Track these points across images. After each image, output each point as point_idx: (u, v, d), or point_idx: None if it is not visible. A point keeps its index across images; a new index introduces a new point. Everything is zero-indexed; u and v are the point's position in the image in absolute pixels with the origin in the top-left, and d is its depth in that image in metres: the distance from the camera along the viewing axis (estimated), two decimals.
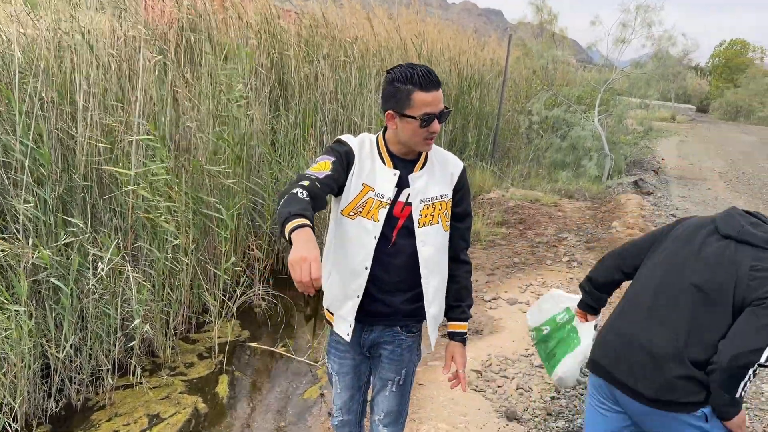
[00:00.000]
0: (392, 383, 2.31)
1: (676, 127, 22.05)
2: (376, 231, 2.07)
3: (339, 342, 2.28)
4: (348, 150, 2.07)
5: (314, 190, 1.86)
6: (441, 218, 2.16)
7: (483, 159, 10.08)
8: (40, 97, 3.42)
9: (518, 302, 5.43)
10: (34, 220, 3.28)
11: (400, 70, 1.98)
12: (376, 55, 7.66)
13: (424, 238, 2.13)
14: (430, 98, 1.95)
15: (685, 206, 9.17)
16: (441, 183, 2.16)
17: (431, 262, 2.16)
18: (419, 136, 2.01)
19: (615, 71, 11.58)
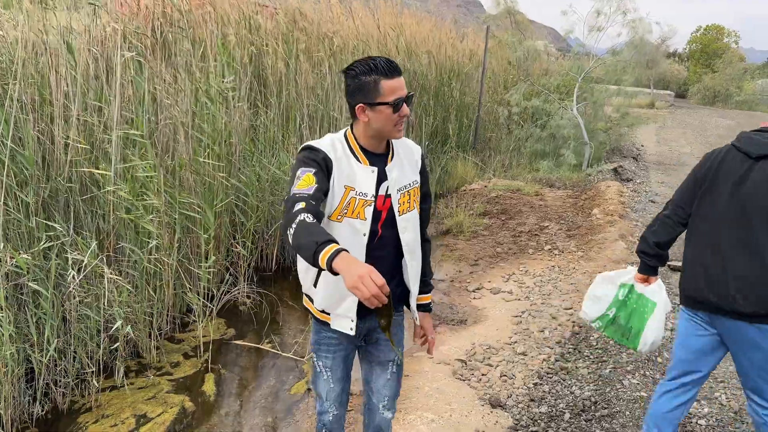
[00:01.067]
0: (392, 363, 2.42)
1: (655, 114, 22.26)
2: (365, 228, 2.14)
3: (331, 337, 2.32)
4: (324, 156, 2.08)
5: (314, 209, 1.90)
6: (415, 204, 2.28)
7: (464, 150, 10.12)
8: (20, 99, 3.40)
9: (501, 291, 5.49)
10: (15, 223, 3.26)
11: (360, 64, 2.04)
12: (356, 48, 7.66)
13: (405, 224, 2.23)
14: (396, 84, 2.03)
15: (665, 192, 9.29)
16: (410, 170, 2.27)
17: (412, 246, 2.28)
18: (391, 123, 2.07)
19: (592, 59, 11.66)
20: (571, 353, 4.28)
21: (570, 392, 3.75)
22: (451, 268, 6.20)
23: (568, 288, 5.49)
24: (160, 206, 3.80)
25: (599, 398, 3.64)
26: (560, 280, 5.71)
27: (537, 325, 4.76)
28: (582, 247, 6.57)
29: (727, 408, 3.55)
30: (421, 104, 8.86)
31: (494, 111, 11.73)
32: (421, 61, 9.20)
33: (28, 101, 3.44)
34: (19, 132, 3.30)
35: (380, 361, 2.41)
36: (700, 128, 18.62)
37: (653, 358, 4.13)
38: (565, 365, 4.10)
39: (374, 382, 2.45)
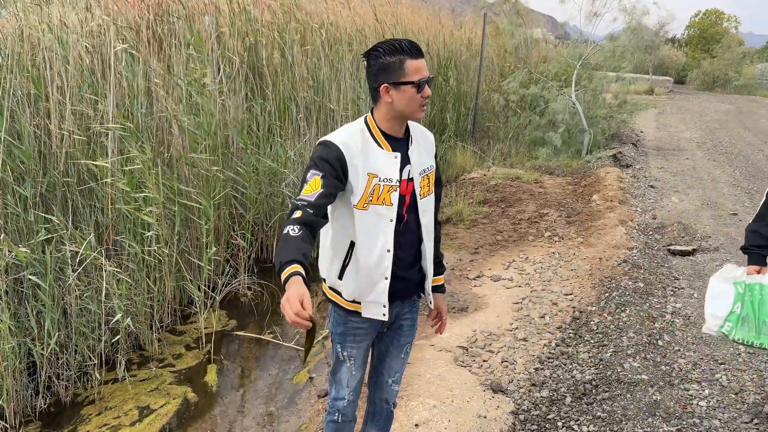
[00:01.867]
0: (408, 346, 2.50)
1: (654, 100, 22.20)
2: (391, 214, 2.16)
3: (360, 328, 2.33)
4: (338, 155, 2.07)
5: (308, 218, 1.92)
6: (432, 186, 2.31)
7: (463, 140, 10.10)
8: (15, 93, 3.39)
9: (502, 278, 5.49)
10: (13, 217, 3.27)
11: (385, 45, 2.08)
12: (353, 37, 7.63)
13: (425, 208, 2.27)
14: (420, 64, 2.06)
15: (664, 177, 9.28)
16: (427, 154, 2.30)
17: (429, 229, 2.31)
18: (416, 103, 2.09)
19: (590, 46, 11.61)
20: (571, 338, 4.29)
21: (571, 376, 3.76)
22: (452, 256, 6.20)
23: (568, 274, 5.49)
24: (158, 198, 3.80)
25: (600, 382, 3.65)
26: (560, 266, 5.71)
27: (537, 311, 4.77)
28: (582, 233, 6.57)
29: (728, 389, 3.56)
30: None
31: (492, 99, 11.69)
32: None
33: (24, 95, 3.43)
34: (15, 126, 3.30)
35: (399, 344, 2.46)
36: (699, 113, 18.57)
37: (654, 341, 4.14)
38: (565, 350, 4.11)
39: (388, 361, 2.49)
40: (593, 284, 5.16)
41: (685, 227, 6.60)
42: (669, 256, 5.88)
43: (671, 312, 4.60)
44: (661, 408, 3.35)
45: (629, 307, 4.64)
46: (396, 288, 2.26)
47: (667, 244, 6.13)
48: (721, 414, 3.33)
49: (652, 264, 5.57)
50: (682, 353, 4.00)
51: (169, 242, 4.04)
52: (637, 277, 5.20)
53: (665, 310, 4.64)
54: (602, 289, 5.02)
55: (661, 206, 7.57)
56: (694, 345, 4.12)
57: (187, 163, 4.28)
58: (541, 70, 11.71)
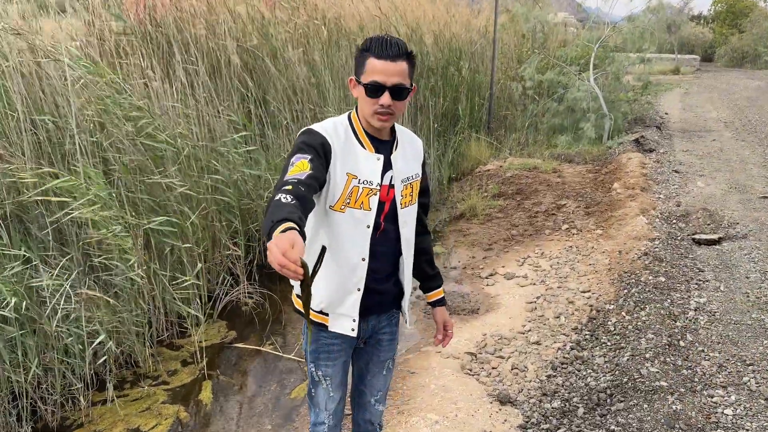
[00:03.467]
0: (390, 362, 2.34)
1: (680, 79, 21.53)
2: (369, 220, 2.01)
3: (332, 344, 2.16)
4: (323, 141, 1.91)
5: (299, 192, 1.68)
6: (415, 197, 2.16)
7: (478, 131, 9.81)
8: None
9: (516, 276, 5.25)
10: None
11: (368, 38, 1.92)
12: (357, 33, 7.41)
13: (406, 219, 2.12)
14: (382, 66, 1.86)
15: (690, 160, 8.88)
16: (413, 162, 2.14)
17: (409, 242, 2.16)
18: (369, 108, 1.92)
19: (608, 27, 11.19)
20: (587, 340, 4.03)
21: (585, 384, 3.51)
22: (464, 254, 5.97)
23: (586, 269, 5.21)
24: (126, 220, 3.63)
25: (615, 390, 3.38)
26: (578, 261, 5.43)
27: (552, 311, 4.51)
28: (601, 224, 6.27)
29: (757, 394, 3.27)
30: (428, 86, 8.57)
31: (508, 87, 11.36)
32: (425, 41, 8.88)
33: None
34: None
35: (379, 360, 2.30)
36: (728, 91, 17.91)
37: (675, 342, 3.86)
38: (580, 354, 3.85)
39: (369, 379, 2.33)
40: (612, 280, 4.88)
41: (711, 214, 6.25)
42: (693, 245, 5.56)
43: (694, 308, 4.30)
44: (682, 419, 3.07)
45: (649, 305, 4.35)
46: (370, 301, 2.09)
47: (692, 233, 5.79)
48: (750, 423, 3.04)
49: (675, 255, 5.26)
50: (706, 354, 3.71)
51: (150, 263, 3.87)
52: (659, 271, 4.90)
53: (688, 306, 4.34)
54: (621, 285, 4.73)
55: (686, 192, 7.21)
56: (719, 345, 3.82)
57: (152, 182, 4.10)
58: (559, 55, 11.33)
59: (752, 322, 4.09)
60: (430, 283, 2.37)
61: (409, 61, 1.92)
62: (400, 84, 1.89)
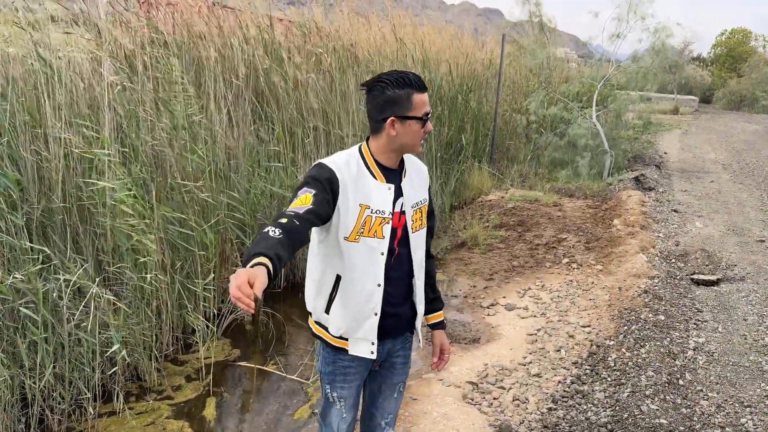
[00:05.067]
0: (401, 385, 2.40)
1: (678, 119, 21.83)
2: (383, 247, 2.09)
3: (349, 366, 2.23)
4: (330, 176, 1.99)
5: (291, 226, 1.77)
6: (424, 220, 2.26)
7: (480, 161, 9.94)
8: (11, 120, 3.34)
9: (517, 307, 5.31)
10: (6, 246, 3.19)
11: (391, 76, 2.01)
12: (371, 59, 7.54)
13: (417, 243, 2.21)
14: (426, 98, 2.04)
15: (688, 201, 9.02)
16: (420, 187, 2.24)
17: (420, 263, 2.24)
18: (419, 138, 2.06)
19: (612, 65, 11.41)
20: (587, 375, 4.09)
21: (585, 418, 3.56)
22: (465, 283, 6.03)
23: (586, 304, 5.29)
24: (151, 223, 3.71)
25: (616, 426, 3.44)
26: (578, 295, 5.51)
27: (553, 344, 4.57)
28: (601, 260, 6.36)
29: None
30: (435, 114, 8.71)
31: (512, 120, 11.54)
32: (439, 71, 9.06)
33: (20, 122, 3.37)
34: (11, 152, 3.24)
35: (392, 382, 2.37)
36: (726, 134, 18.18)
37: (675, 380, 3.92)
38: (580, 388, 3.91)
39: (380, 402, 2.40)
40: (612, 316, 4.95)
41: (710, 255, 6.35)
42: (692, 285, 5.65)
43: (693, 348, 4.37)
44: None
45: (649, 342, 4.43)
46: (386, 325, 2.18)
47: (691, 273, 5.89)
48: None
49: (674, 294, 5.34)
50: (705, 394, 3.78)
51: (168, 269, 3.94)
52: (658, 309, 4.98)
53: (687, 346, 4.41)
54: (621, 322, 4.80)
55: (685, 232, 7.33)
56: (717, 385, 3.89)
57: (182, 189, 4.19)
58: (562, 91, 11.53)
59: (750, 364, 4.16)
60: (431, 305, 2.42)
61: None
62: (428, 111, 2.08)
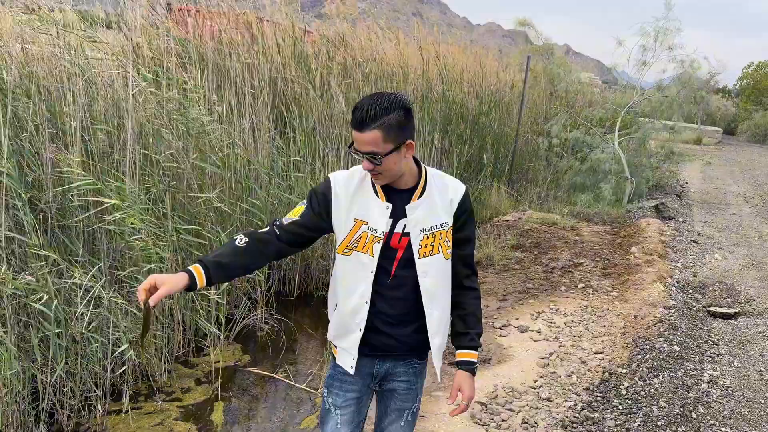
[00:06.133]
0: (408, 412, 2.30)
1: (701, 150, 21.66)
2: (372, 265, 2.06)
3: (345, 373, 2.21)
4: (325, 190, 2.07)
5: (262, 236, 2.04)
6: (442, 247, 2.11)
7: (500, 181, 9.94)
8: (33, 119, 3.39)
9: (529, 330, 5.27)
10: (19, 243, 3.23)
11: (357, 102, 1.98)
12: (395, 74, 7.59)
13: (426, 269, 2.09)
14: (355, 135, 1.95)
15: (708, 232, 8.92)
16: (441, 211, 2.11)
17: (433, 293, 2.12)
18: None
19: (636, 93, 11.38)
20: (598, 402, 4.04)
21: None
22: None
23: (600, 330, 5.23)
24: (165, 232, 3.74)
25: None
26: (592, 321, 5.45)
27: (565, 369, 4.53)
28: (617, 287, 6.30)
29: None
30: (457, 133, 8.73)
31: (533, 142, 11.53)
32: (462, 89, 9.10)
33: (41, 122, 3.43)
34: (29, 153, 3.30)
35: (397, 408, 2.28)
36: (749, 166, 17.99)
37: (687, 413, 3.86)
38: (591, 415, 3.86)
39: (386, 425, 2.33)
40: (626, 344, 4.89)
41: (728, 288, 6.27)
42: (709, 317, 5.57)
43: (707, 381, 4.30)
44: None
45: (662, 373, 4.37)
46: (378, 342, 2.15)
47: (708, 305, 5.81)
48: None
49: (690, 326, 5.27)
50: (717, 428, 3.71)
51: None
52: (673, 340, 4.91)
53: (701, 378, 4.34)
54: (635, 350, 4.75)
55: (703, 263, 7.24)
56: (731, 420, 3.82)
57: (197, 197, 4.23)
58: (585, 115, 11.51)
59: (765, 401, 4.09)
60: (459, 341, 2.24)
61: (382, 128, 1.90)
62: (372, 152, 1.92)
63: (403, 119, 1.95)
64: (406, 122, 1.97)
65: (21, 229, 3.24)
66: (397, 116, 1.93)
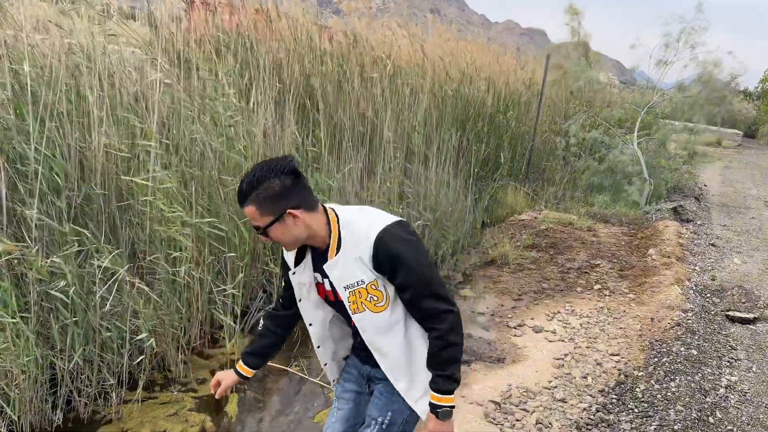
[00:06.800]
0: (376, 423, 2.16)
1: (721, 152, 21.41)
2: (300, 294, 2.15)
3: (351, 366, 2.30)
4: (283, 254, 2.16)
5: (273, 313, 2.38)
6: (366, 304, 1.97)
7: (516, 180, 9.88)
8: (55, 107, 3.42)
9: (544, 330, 5.24)
10: (45, 229, 3.26)
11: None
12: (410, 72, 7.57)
13: (362, 324, 2.02)
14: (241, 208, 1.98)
15: (727, 235, 8.81)
16: (356, 267, 1.94)
17: (378, 346, 2.06)
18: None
19: (657, 93, 11.25)
20: (614, 404, 4.01)
21: None
22: (493, 301, 5.98)
23: (616, 332, 5.19)
24: (190, 218, 3.76)
25: None
26: (608, 323, 5.41)
27: (580, 371, 4.49)
28: (634, 289, 6.25)
29: None
30: (474, 131, 8.70)
31: (551, 141, 11.45)
32: (478, 88, 9.06)
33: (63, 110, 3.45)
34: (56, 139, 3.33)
35: (370, 413, 2.21)
36: None
37: (705, 418, 3.82)
38: (606, 417, 3.83)
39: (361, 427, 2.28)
40: (642, 347, 4.85)
41: (747, 292, 6.19)
42: (727, 322, 5.50)
43: (725, 386, 4.25)
44: None
45: (679, 376, 4.32)
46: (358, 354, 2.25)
47: (726, 309, 5.74)
48: None
49: (708, 330, 5.21)
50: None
51: (201, 264, 3.99)
52: (691, 344, 4.86)
53: (719, 383, 4.29)
54: (652, 353, 4.70)
55: (722, 267, 7.16)
56: (749, 426, 3.78)
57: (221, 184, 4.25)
58: (605, 116, 11.41)
59: None
60: (430, 383, 2.04)
61: (255, 202, 1.85)
62: (255, 225, 1.91)
63: (279, 189, 1.85)
64: (286, 190, 1.86)
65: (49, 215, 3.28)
66: (273, 186, 1.84)
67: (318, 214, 1.94)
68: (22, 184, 3.18)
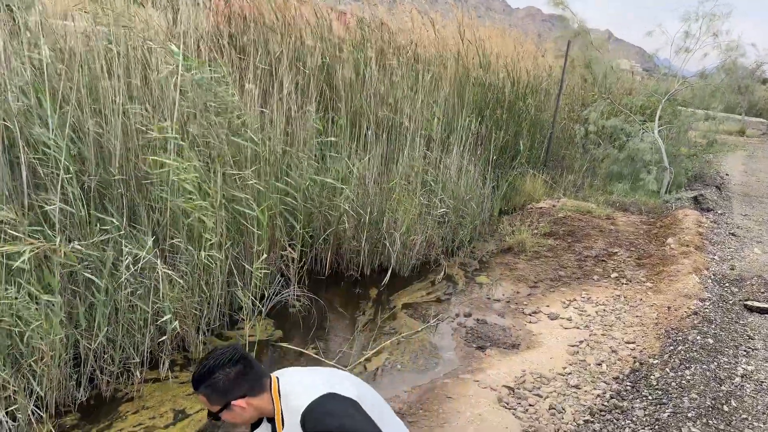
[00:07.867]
0: None
1: (744, 141, 21.06)
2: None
3: None
4: None
5: None
6: None
7: (535, 167, 9.84)
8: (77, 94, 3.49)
9: (559, 317, 5.25)
10: (69, 215, 3.34)
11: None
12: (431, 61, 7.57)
13: None
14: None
15: (748, 225, 8.72)
16: None
17: None
18: None
19: (678, 81, 11.10)
20: (628, 391, 4.02)
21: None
22: (509, 288, 6.00)
23: (632, 320, 5.19)
24: (213, 202, 3.82)
25: None
26: (625, 311, 5.41)
27: (594, 358, 4.51)
28: (652, 277, 6.23)
29: None
30: (493, 118, 8.67)
31: (570, 129, 11.36)
32: (498, 75, 9.02)
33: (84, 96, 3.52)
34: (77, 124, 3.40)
35: None
36: None
37: (719, 406, 3.82)
38: (620, 404, 3.85)
39: None
40: (658, 335, 4.85)
41: (766, 282, 6.13)
42: (745, 312, 5.47)
43: (741, 375, 4.25)
44: None
45: (695, 365, 4.32)
46: None
47: (744, 299, 5.71)
48: None
49: (725, 319, 5.19)
50: (750, 423, 3.67)
51: (223, 247, 4.06)
52: (707, 332, 4.85)
53: (735, 372, 4.29)
54: (667, 342, 4.70)
55: (742, 257, 7.09)
56: (765, 415, 3.77)
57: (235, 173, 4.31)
58: (625, 103, 11.29)
59: None
60: None
61: (204, 393, 1.98)
62: (208, 410, 2.03)
63: (224, 383, 1.95)
64: (231, 383, 1.96)
65: (67, 201, 3.35)
66: (218, 381, 1.95)
67: (266, 394, 2.01)
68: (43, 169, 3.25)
